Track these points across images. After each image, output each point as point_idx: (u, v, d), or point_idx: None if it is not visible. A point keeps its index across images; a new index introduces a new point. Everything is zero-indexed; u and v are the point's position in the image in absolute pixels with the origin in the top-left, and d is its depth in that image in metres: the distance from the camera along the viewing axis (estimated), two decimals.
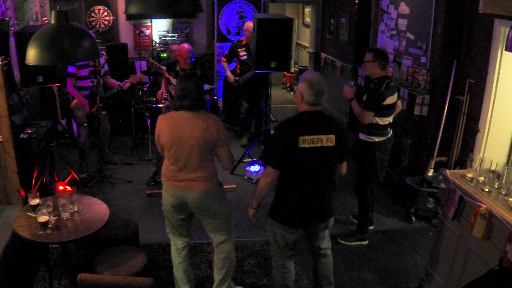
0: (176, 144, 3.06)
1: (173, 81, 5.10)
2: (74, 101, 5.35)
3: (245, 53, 6.40)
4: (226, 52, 6.73)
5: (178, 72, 5.09)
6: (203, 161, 3.10)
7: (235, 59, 6.62)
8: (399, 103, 4.29)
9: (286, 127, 2.91)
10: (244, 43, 6.44)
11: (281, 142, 2.87)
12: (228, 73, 6.63)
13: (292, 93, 10.16)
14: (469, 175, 3.16)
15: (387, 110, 4.03)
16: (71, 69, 5.24)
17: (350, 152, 3.17)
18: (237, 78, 6.57)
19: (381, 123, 4.05)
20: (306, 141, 2.82)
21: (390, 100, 4.01)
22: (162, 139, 3.12)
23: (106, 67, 5.58)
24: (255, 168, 5.65)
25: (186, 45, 5.13)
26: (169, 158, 3.13)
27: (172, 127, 3.08)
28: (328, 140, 2.87)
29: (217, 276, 3.40)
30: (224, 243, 3.33)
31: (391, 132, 4.19)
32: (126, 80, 5.52)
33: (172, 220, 3.30)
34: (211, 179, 3.16)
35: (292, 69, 9.96)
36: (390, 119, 4.11)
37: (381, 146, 4.10)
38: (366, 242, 4.30)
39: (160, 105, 5.85)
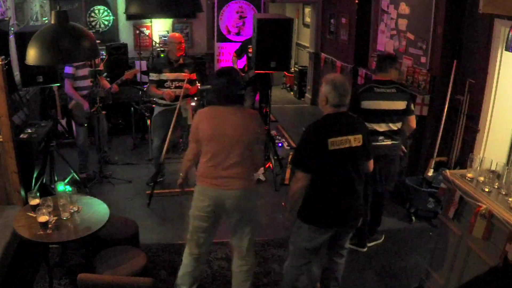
0: (216, 138, 2.99)
1: (170, 75, 5.07)
2: (73, 102, 5.34)
3: None
4: (237, 48, 6.77)
5: (173, 64, 5.07)
6: (243, 157, 3.03)
7: (245, 56, 6.66)
8: (411, 120, 3.96)
9: (315, 130, 2.92)
10: None
11: (311, 145, 2.89)
12: (236, 67, 6.65)
13: (292, 93, 10.16)
14: (469, 175, 3.16)
15: (367, 114, 3.86)
16: (68, 70, 5.23)
17: None
18: (243, 74, 6.60)
19: None
20: (335, 143, 2.85)
21: (371, 105, 3.87)
22: (200, 133, 3.04)
23: (100, 67, 5.57)
24: None
25: (176, 33, 5.16)
26: (207, 153, 3.04)
27: (214, 120, 3.01)
28: (356, 140, 2.91)
29: None
30: (250, 251, 3.25)
31: (388, 142, 3.97)
32: (114, 84, 5.50)
33: (200, 224, 3.16)
34: (250, 176, 3.10)
35: (292, 69, 9.96)
36: (376, 127, 3.91)
37: None
38: (364, 249, 4.25)
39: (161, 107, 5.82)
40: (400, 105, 3.91)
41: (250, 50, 6.50)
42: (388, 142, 4.00)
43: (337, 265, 3.32)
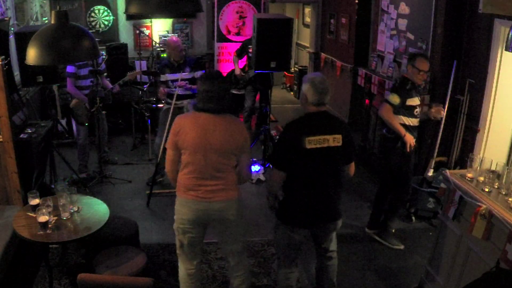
0: (200, 149, 2.83)
1: (170, 76, 5.10)
2: (74, 101, 5.35)
3: None
4: (238, 48, 6.78)
5: (173, 65, 5.11)
6: (227, 168, 2.93)
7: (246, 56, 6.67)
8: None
9: (292, 128, 2.92)
10: None
11: (287, 143, 2.88)
12: (236, 67, 6.65)
13: (292, 93, 10.16)
14: (469, 175, 3.16)
15: None
16: (70, 69, 5.25)
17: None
18: (243, 74, 6.61)
19: None
20: (313, 142, 2.82)
21: None
22: (182, 143, 2.85)
23: (103, 67, 5.58)
24: (255, 168, 5.65)
25: (174, 37, 5.18)
26: (188, 164, 2.88)
27: (197, 130, 2.83)
28: (335, 140, 2.87)
29: None
30: (243, 255, 3.18)
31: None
32: (117, 85, 5.51)
33: (186, 238, 3.03)
34: (234, 187, 3.00)
35: (292, 69, 9.96)
36: None
37: None
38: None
39: (160, 105, 5.85)
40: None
41: (250, 50, 6.51)
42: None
43: (328, 267, 3.29)
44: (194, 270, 3.16)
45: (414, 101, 4.01)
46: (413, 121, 4.06)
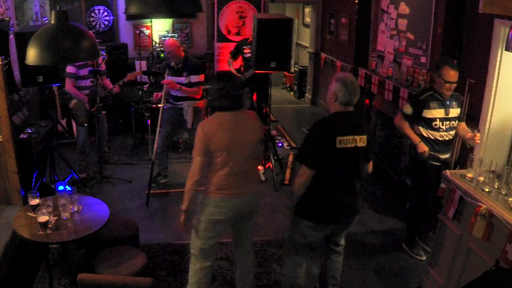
0: (234, 146, 2.91)
1: (170, 79, 5.11)
2: (73, 102, 5.35)
3: (250, 50, 6.43)
4: (232, 49, 6.77)
5: (173, 68, 5.12)
6: (255, 160, 3.08)
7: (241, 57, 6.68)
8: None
9: (323, 127, 2.94)
10: (249, 41, 6.47)
11: (318, 142, 2.90)
12: (231, 69, 6.65)
13: (292, 93, 10.16)
14: (469, 175, 3.17)
15: None
16: (70, 69, 5.25)
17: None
18: (239, 75, 6.61)
19: None
20: (343, 142, 2.87)
21: None
22: (214, 144, 2.89)
23: (103, 67, 5.58)
24: None
25: (168, 40, 5.19)
26: (224, 165, 2.92)
27: (226, 130, 2.90)
28: (361, 140, 2.93)
29: None
30: (251, 243, 3.34)
31: None
32: (116, 85, 5.51)
33: (211, 237, 3.07)
34: (257, 179, 3.16)
35: (292, 69, 9.96)
36: None
37: None
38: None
39: (160, 105, 5.85)
40: None
41: (245, 51, 6.52)
42: None
43: (335, 263, 3.33)
44: (209, 268, 3.23)
45: (432, 113, 3.84)
46: (433, 134, 3.89)
